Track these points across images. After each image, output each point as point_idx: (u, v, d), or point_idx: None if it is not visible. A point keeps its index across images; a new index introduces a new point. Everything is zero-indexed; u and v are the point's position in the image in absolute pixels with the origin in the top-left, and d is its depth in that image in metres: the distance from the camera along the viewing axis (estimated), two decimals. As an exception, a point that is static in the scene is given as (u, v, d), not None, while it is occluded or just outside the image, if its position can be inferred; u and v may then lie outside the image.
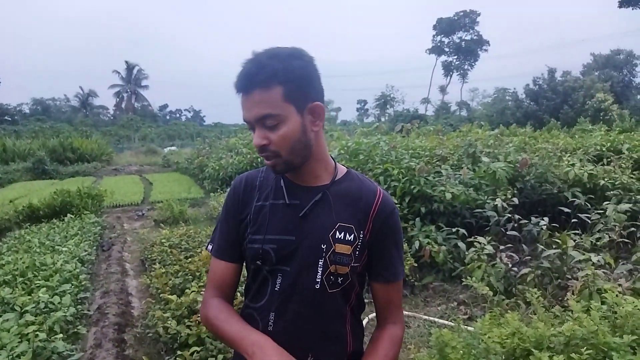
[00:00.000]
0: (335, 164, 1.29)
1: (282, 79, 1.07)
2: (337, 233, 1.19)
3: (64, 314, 3.59)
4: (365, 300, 1.40)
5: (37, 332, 3.09)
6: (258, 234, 1.21)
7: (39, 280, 4.34)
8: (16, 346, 2.88)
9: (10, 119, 56.17)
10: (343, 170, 1.30)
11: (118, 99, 69.70)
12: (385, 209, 1.24)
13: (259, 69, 1.06)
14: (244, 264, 1.34)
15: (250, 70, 1.07)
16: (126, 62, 68.21)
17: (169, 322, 3.38)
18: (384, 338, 1.27)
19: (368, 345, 1.30)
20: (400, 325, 1.31)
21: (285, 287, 1.19)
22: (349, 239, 1.19)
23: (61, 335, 3.28)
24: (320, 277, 1.18)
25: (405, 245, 5.21)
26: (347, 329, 1.27)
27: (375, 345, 1.26)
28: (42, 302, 3.74)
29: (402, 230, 1.31)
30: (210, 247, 1.35)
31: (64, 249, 5.81)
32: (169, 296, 3.73)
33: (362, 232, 1.21)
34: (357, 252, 1.20)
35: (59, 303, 3.81)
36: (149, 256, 5.83)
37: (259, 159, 12.11)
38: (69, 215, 8.54)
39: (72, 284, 4.42)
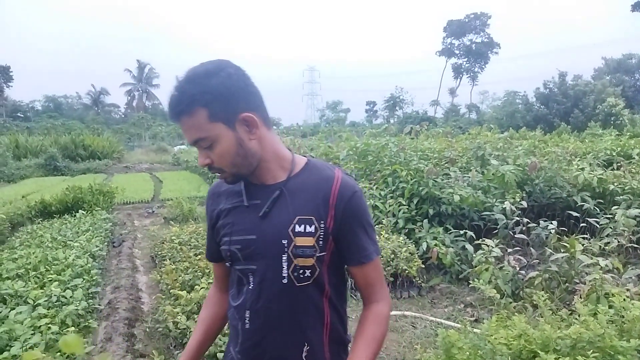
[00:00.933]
0: (293, 157, 1.29)
1: (202, 102, 1.08)
2: (297, 227, 1.19)
3: (75, 307, 3.65)
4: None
5: (50, 325, 3.16)
6: (226, 236, 1.27)
7: (51, 274, 4.41)
8: (29, 338, 2.95)
9: (22, 115, 56.86)
10: (301, 163, 1.29)
11: (129, 97, 70.29)
12: (345, 193, 1.22)
13: (179, 97, 1.10)
14: None
15: (173, 99, 1.11)
16: (138, 60, 68.78)
17: (178, 317, 3.43)
18: (369, 318, 1.28)
19: (357, 328, 1.30)
20: (384, 302, 1.30)
21: (256, 285, 1.23)
22: (310, 230, 1.19)
23: (73, 328, 3.35)
24: (286, 272, 1.20)
25: (412, 247, 5.23)
26: (325, 320, 1.28)
27: (362, 328, 1.27)
28: (54, 295, 3.81)
29: (367, 209, 1.30)
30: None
31: (75, 244, 5.89)
32: (179, 292, 3.78)
33: (322, 221, 1.20)
34: (320, 242, 1.20)
35: (70, 297, 3.87)
36: (159, 253, 5.89)
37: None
38: (80, 211, 8.65)
39: (84, 279, 4.48)
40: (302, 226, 1.19)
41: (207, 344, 1.45)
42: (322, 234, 1.20)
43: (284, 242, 1.19)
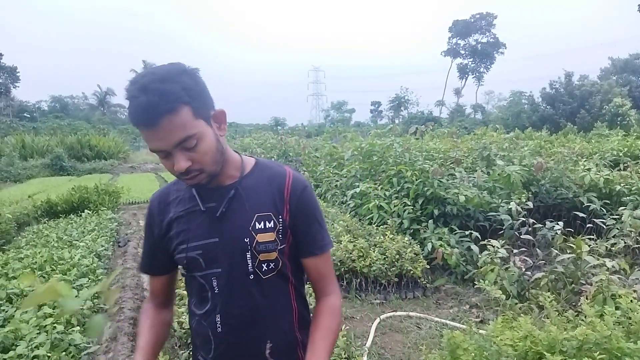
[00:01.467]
0: (242, 157, 1.31)
1: (185, 98, 1.05)
2: (257, 224, 1.22)
3: (80, 307, 3.66)
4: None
5: (55, 325, 3.17)
6: (183, 244, 1.24)
7: (57, 273, 4.43)
8: (35, 337, 2.96)
9: (29, 116, 57.22)
10: (251, 163, 1.32)
11: (135, 98, 70.47)
12: (297, 187, 1.27)
13: (160, 97, 1.02)
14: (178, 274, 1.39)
15: (151, 100, 1.01)
16: (143, 61, 68.82)
17: (183, 317, 3.43)
18: (324, 311, 1.30)
19: (312, 321, 1.33)
20: (335, 295, 1.34)
21: (222, 288, 1.23)
22: (270, 226, 1.23)
23: (78, 327, 3.35)
24: (251, 268, 1.22)
25: (417, 247, 5.22)
26: (292, 306, 1.32)
27: (318, 320, 1.29)
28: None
29: (318, 203, 1.35)
30: (140, 262, 1.43)
31: (81, 243, 5.91)
32: (183, 292, 3.78)
33: (280, 216, 1.24)
34: (280, 236, 1.24)
35: (76, 296, 3.87)
36: (164, 253, 5.90)
37: (273, 159, 12.16)
38: (86, 211, 8.68)
39: (89, 278, 4.49)
40: (262, 223, 1.22)
41: (158, 348, 1.38)
42: (280, 227, 1.24)
43: (246, 240, 1.21)
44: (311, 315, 1.38)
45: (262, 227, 1.22)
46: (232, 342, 1.24)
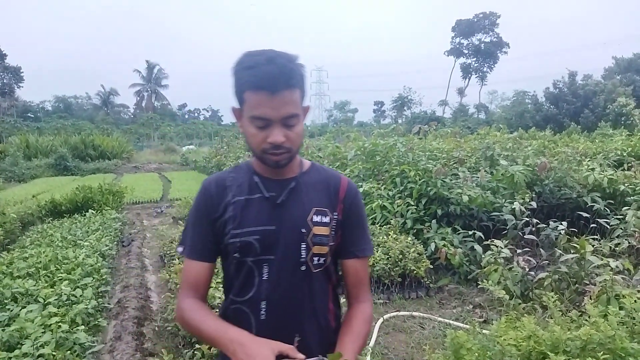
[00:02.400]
0: (300, 158, 1.37)
1: (300, 83, 1.18)
2: (314, 217, 1.28)
3: (85, 306, 3.67)
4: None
5: (60, 324, 3.17)
6: (238, 229, 1.26)
7: (61, 273, 4.44)
8: (40, 336, 2.96)
9: (33, 116, 57.43)
10: (308, 163, 1.39)
11: (138, 98, 70.79)
12: (351, 191, 1.36)
13: (288, 72, 1.13)
14: (221, 261, 1.37)
15: (280, 71, 1.12)
16: (147, 61, 69.26)
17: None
18: (357, 316, 1.33)
19: (342, 325, 1.35)
20: (369, 303, 1.38)
21: (272, 275, 1.25)
22: (326, 220, 1.29)
23: (83, 327, 3.36)
24: (304, 259, 1.26)
25: (421, 247, 5.22)
26: (330, 306, 1.36)
27: (350, 324, 1.32)
28: (65, 294, 3.83)
29: (365, 210, 1.42)
30: (181, 249, 1.35)
31: (85, 243, 5.93)
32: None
33: (335, 213, 1.31)
34: (333, 232, 1.30)
35: (80, 296, 3.89)
36: (168, 252, 5.93)
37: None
38: (90, 210, 8.70)
39: (94, 278, 4.51)
40: (319, 216, 1.28)
41: None
42: (334, 224, 1.30)
43: (304, 230, 1.25)
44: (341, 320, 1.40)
45: (319, 220, 1.28)
46: (273, 330, 1.24)
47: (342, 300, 1.42)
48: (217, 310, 1.43)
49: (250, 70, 1.14)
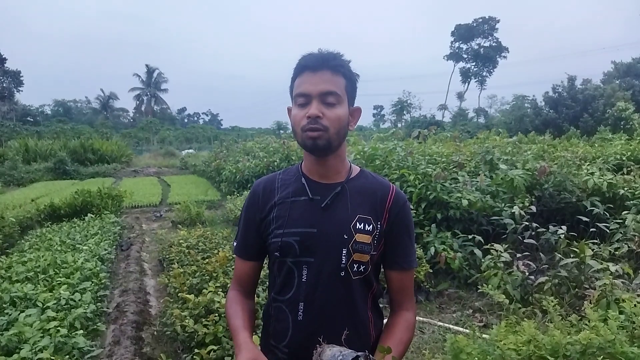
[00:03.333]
0: (350, 164, 1.39)
1: (347, 73, 1.25)
2: (357, 224, 1.28)
3: (84, 310, 3.67)
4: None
5: (59, 328, 3.16)
6: (280, 229, 1.29)
7: (60, 277, 4.43)
8: (39, 340, 2.96)
9: (32, 120, 57.37)
10: (357, 169, 1.40)
11: (138, 102, 70.72)
12: (399, 201, 1.34)
13: (332, 56, 1.23)
14: (266, 260, 1.43)
15: (325, 55, 1.23)
16: (146, 65, 69.20)
17: (186, 320, 3.43)
18: (400, 323, 1.34)
19: (384, 330, 1.37)
20: (413, 312, 1.40)
21: (311, 277, 1.27)
22: (368, 229, 1.28)
23: (81, 331, 3.35)
24: (344, 265, 1.26)
25: (420, 252, 5.21)
26: (369, 315, 1.35)
27: (392, 330, 1.33)
28: (63, 298, 3.82)
29: (413, 221, 1.40)
30: (235, 245, 1.45)
31: (84, 247, 5.92)
32: (187, 295, 3.78)
33: (379, 222, 1.30)
34: (375, 242, 1.29)
35: (79, 300, 3.89)
36: (167, 256, 5.91)
37: (275, 163, 12.16)
38: (89, 214, 8.69)
39: (92, 282, 4.50)
40: (362, 224, 1.28)
41: (252, 332, 1.37)
42: (377, 234, 1.29)
43: (346, 236, 1.26)
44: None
45: (362, 228, 1.28)
46: (309, 331, 1.26)
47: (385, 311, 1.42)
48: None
49: (299, 61, 1.25)
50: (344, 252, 1.25)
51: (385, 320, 1.44)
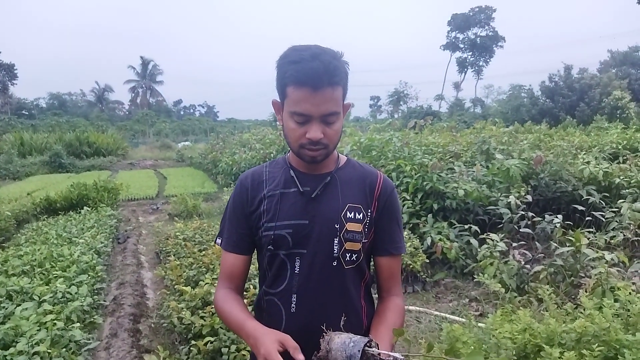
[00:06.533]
0: (337, 153, 1.39)
1: (344, 81, 1.19)
2: (348, 213, 1.28)
3: (80, 303, 3.67)
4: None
5: (55, 321, 3.17)
6: (272, 222, 1.28)
7: (57, 270, 4.43)
8: (35, 334, 2.95)
9: (27, 113, 57.08)
10: (344, 159, 1.40)
11: (133, 94, 70.32)
12: (387, 189, 1.35)
13: (332, 70, 1.13)
14: (256, 253, 1.41)
15: (325, 69, 1.12)
16: (141, 57, 68.72)
17: (183, 312, 3.44)
18: (391, 309, 1.34)
19: (375, 316, 1.37)
20: (401, 298, 1.40)
21: (304, 269, 1.27)
22: (359, 217, 1.29)
23: (78, 324, 3.35)
24: (336, 254, 1.26)
25: (417, 242, 5.22)
26: (362, 304, 1.36)
27: (385, 315, 1.32)
28: (60, 292, 3.82)
29: (400, 208, 1.41)
30: (219, 240, 1.40)
31: (80, 240, 5.91)
32: (183, 288, 3.79)
33: (369, 210, 1.31)
34: (366, 230, 1.30)
35: (76, 293, 3.89)
36: (164, 249, 5.91)
37: (272, 154, 12.14)
38: (85, 208, 8.68)
39: (89, 275, 4.50)
40: (353, 213, 1.29)
41: None
42: (367, 221, 1.30)
43: (337, 226, 1.26)
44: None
45: (353, 216, 1.28)
46: (304, 324, 1.26)
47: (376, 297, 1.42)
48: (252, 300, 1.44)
49: (294, 65, 1.13)
50: (336, 241, 1.26)
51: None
